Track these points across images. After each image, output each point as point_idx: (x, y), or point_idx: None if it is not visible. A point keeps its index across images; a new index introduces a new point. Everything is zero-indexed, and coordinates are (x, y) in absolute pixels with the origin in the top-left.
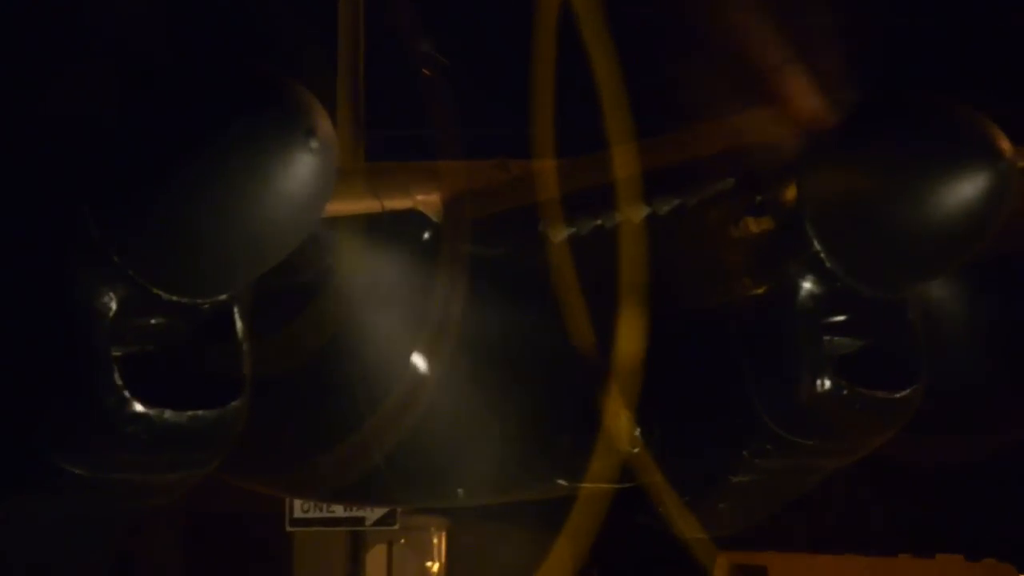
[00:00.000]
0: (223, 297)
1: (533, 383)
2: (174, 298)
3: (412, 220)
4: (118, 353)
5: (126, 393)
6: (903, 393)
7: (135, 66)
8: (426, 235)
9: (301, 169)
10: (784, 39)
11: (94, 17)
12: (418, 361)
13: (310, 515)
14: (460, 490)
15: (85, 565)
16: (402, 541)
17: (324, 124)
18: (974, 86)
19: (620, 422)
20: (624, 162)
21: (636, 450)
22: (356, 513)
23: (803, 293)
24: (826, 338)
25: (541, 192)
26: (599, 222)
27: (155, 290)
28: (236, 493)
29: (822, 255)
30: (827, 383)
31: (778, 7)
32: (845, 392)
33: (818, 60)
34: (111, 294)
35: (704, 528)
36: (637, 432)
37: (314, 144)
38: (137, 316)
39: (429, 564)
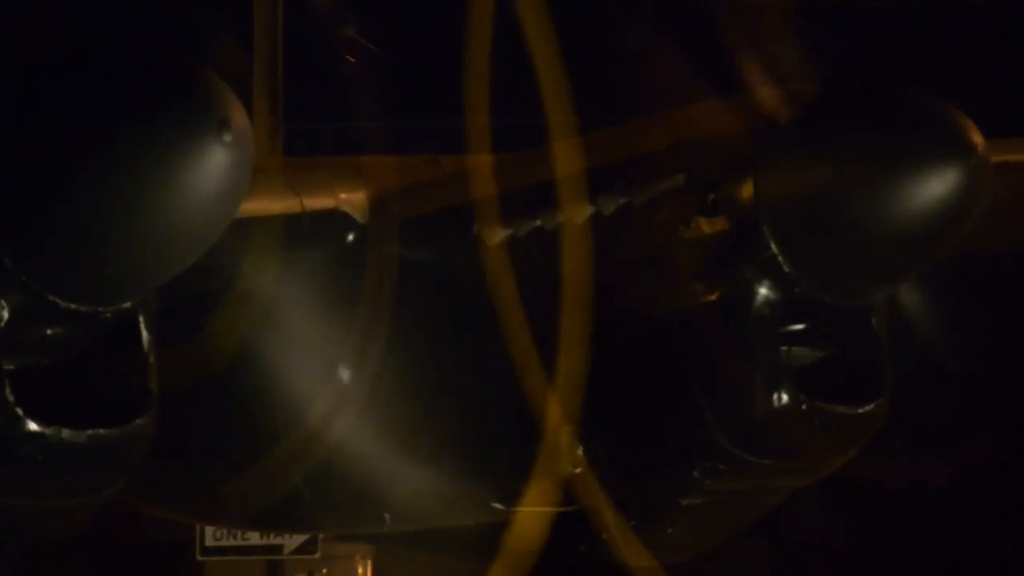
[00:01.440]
0: (127, 305)
1: (466, 397)
2: (73, 306)
3: (335, 220)
4: (10, 367)
5: (19, 410)
6: (867, 408)
7: (29, 52)
8: (350, 237)
9: (213, 165)
10: (739, 23)
11: None
12: (341, 374)
13: (223, 543)
14: (387, 514)
15: None
16: (324, 571)
17: (238, 115)
18: (944, 75)
19: (561, 440)
20: (565, 158)
21: (578, 470)
22: (274, 540)
23: (759, 300)
24: (783, 348)
25: (476, 190)
26: (539, 223)
27: (52, 297)
28: (142, 519)
29: (780, 258)
30: (785, 397)
31: None
32: (804, 407)
33: (775, 47)
34: (2, 301)
35: (653, 555)
36: (579, 450)
37: (227, 137)
38: (32, 326)
39: None
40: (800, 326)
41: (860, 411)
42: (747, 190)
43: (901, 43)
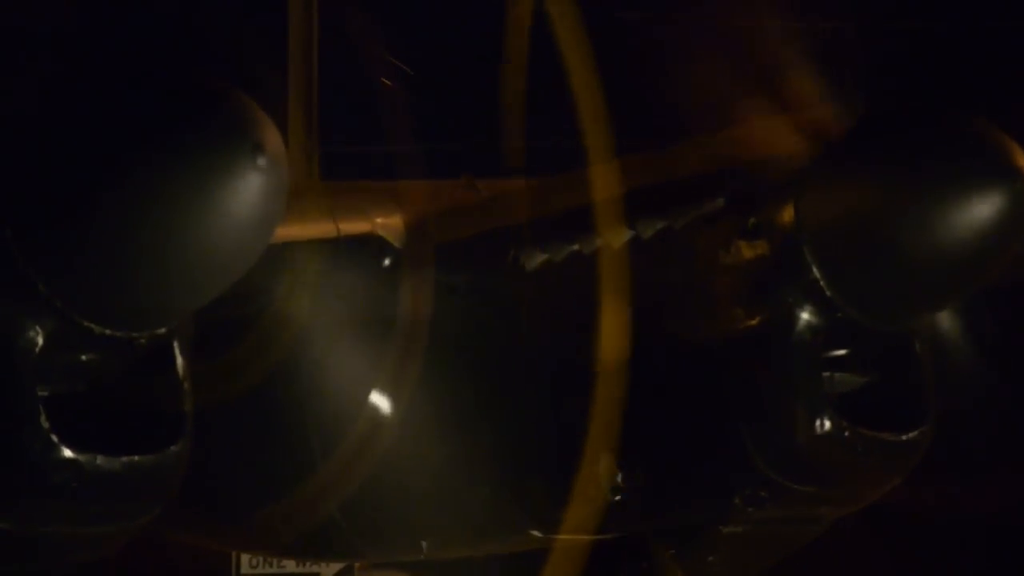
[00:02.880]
0: (162, 330)
1: (504, 423)
2: (107, 332)
3: (371, 245)
4: (44, 393)
5: (53, 437)
6: (911, 435)
7: (61, 75)
8: (386, 261)
9: (248, 189)
10: (782, 44)
11: (13, 23)
12: (377, 400)
13: (259, 571)
14: (424, 542)
15: None
16: None
17: (273, 139)
18: (988, 98)
19: (600, 466)
20: (603, 181)
21: (618, 497)
22: (310, 569)
23: (801, 325)
24: (826, 374)
25: (512, 214)
26: (576, 247)
27: (86, 323)
28: (176, 548)
29: (822, 283)
30: (827, 424)
31: (775, 11)
32: (847, 434)
33: (816, 68)
34: (37, 328)
35: None
36: (619, 477)
37: (262, 161)
38: (66, 352)
39: None
40: (842, 351)
41: (903, 438)
42: (788, 213)
43: (944, 65)
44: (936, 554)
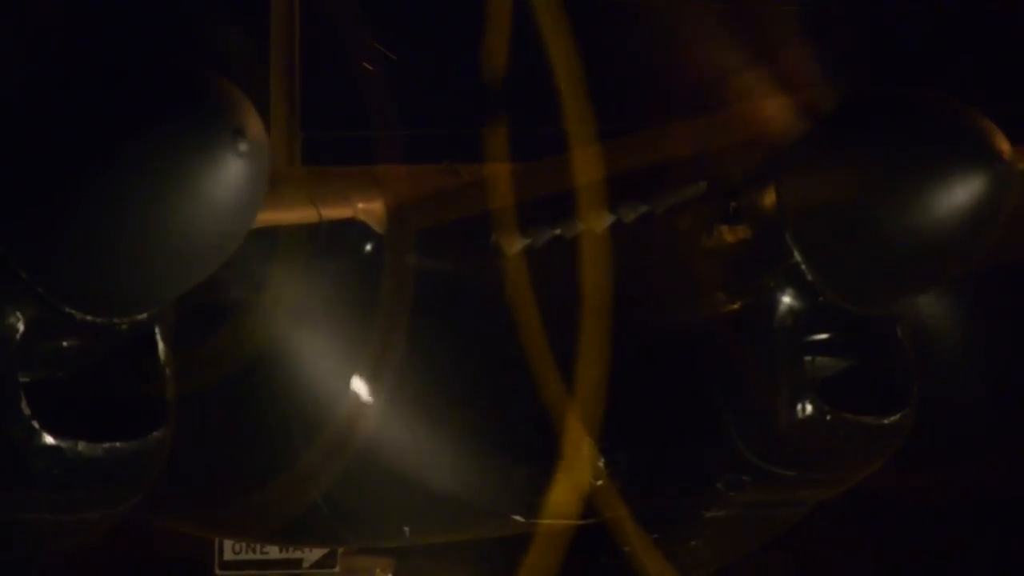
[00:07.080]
0: (143, 316)
1: (486, 409)
2: (88, 318)
3: (352, 230)
4: (25, 379)
5: (34, 423)
6: (892, 419)
7: (39, 60)
8: (368, 247)
9: (229, 174)
10: (764, 28)
11: None
12: (359, 386)
13: (242, 557)
14: (407, 528)
15: None
16: None
17: (254, 124)
18: (969, 81)
19: (582, 452)
20: (585, 166)
21: (599, 482)
22: (293, 554)
23: (782, 309)
24: (807, 358)
25: (494, 199)
26: (558, 232)
27: (67, 309)
28: (159, 534)
29: (803, 267)
30: (808, 408)
31: None
32: (828, 417)
33: (799, 52)
34: (17, 314)
35: (675, 569)
36: (600, 463)
37: (243, 146)
38: (47, 338)
39: None
40: (824, 336)
41: (885, 421)
42: (769, 198)
43: (925, 48)
44: (921, 540)
